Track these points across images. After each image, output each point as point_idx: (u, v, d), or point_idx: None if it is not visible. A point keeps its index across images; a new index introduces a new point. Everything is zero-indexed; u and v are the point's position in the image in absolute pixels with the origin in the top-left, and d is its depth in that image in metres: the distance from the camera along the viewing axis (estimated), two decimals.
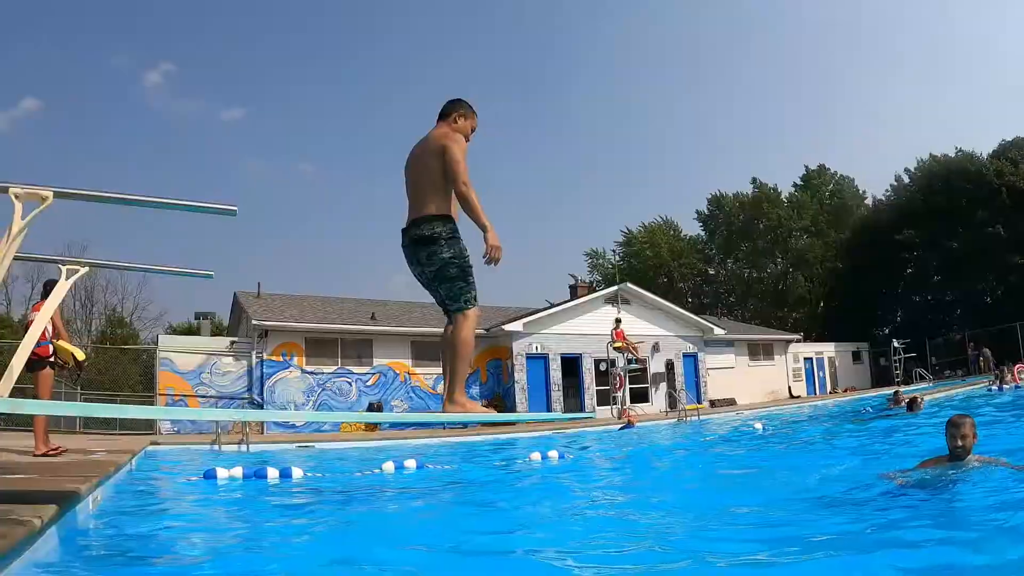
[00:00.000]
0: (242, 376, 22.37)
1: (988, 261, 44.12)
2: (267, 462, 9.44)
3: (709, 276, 64.25)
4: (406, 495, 7.26)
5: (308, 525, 5.23)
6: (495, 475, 9.70)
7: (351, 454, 13.33)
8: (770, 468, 8.31)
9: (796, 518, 4.76)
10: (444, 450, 14.24)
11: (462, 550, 4.11)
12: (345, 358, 24.07)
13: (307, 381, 23.10)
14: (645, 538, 4.38)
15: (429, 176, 4.66)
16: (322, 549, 4.23)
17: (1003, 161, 46.41)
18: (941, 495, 4.76)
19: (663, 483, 8.21)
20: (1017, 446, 7.48)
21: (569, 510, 5.98)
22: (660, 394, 29.57)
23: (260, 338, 22.59)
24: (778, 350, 37.54)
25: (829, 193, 60.48)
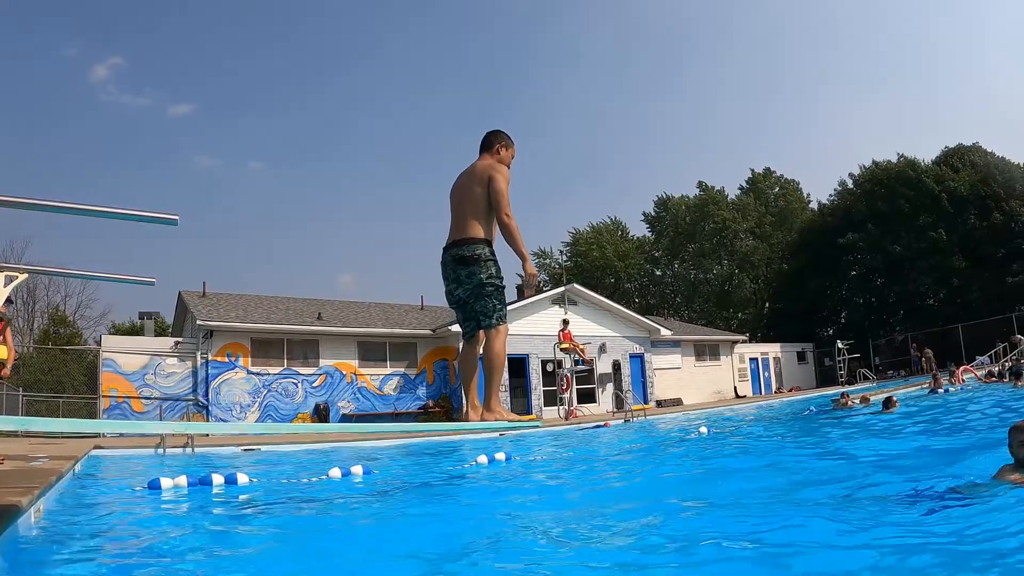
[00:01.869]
0: (187, 377, 22.25)
1: (930, 264, 45.86)
2: (213, 466, 9.49)
3: (656, 277, 65.64)
4: (353, 503, 7.18)
5: (254, 537, 5.23)
6: (442, 479, 9.66)
7: (298, 457, 13.21)
8: (715, 469, 8.56)
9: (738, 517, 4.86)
10: (392, 452, 14.30)
11: (410, 559, 4.14)
12: (291, 359, 24.09)
13: (253, 382, 23.07)
14: (593, 539, 4.48)
15: (474, 203, 5.17)
16: (267, 563, 4.25)
17: (945, 168, 48.35)
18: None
19: (609, 483, 8.37)
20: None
21: (516, 513, 6.06)
22: (607, 395, 30.06)
23: (205, 338, 22.51)
24: (724, 350, 38.55)
25: (774, 196, 62.18)
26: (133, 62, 72.19)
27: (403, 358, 26.47)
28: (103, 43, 71.39)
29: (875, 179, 51.06)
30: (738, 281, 58.47)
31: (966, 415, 12.43)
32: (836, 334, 48.93)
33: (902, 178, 48.68)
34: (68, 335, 45.30)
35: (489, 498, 7.35)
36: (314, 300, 29.20)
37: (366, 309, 29.39)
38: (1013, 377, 18.63)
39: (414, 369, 26.63)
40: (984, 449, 7.15)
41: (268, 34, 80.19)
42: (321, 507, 6.78)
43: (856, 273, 51.80)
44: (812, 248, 52.43)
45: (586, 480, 8.86)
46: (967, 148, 50.40)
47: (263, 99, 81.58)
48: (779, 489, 6.34)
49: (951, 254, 45.40)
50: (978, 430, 9.81)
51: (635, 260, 64.31)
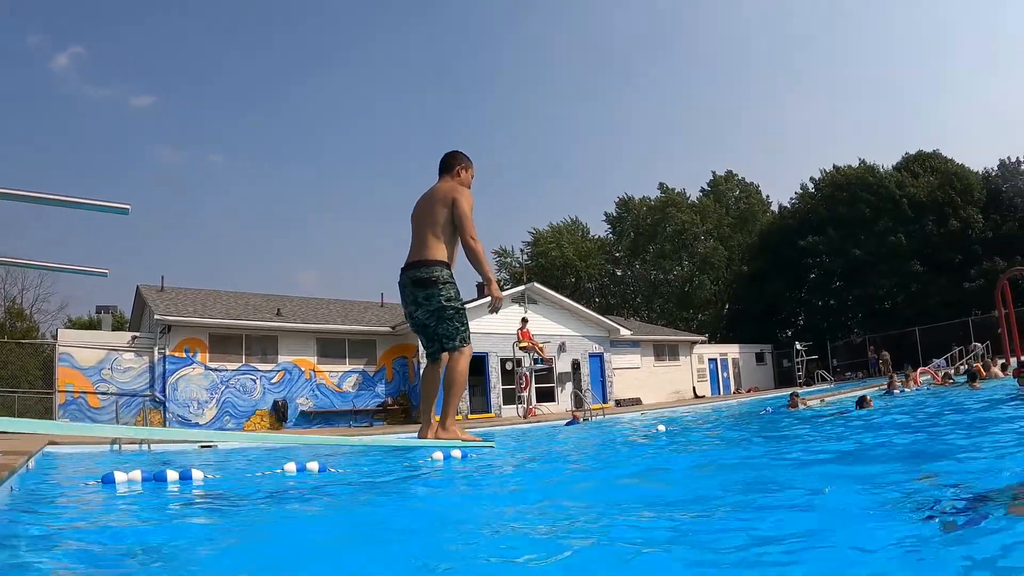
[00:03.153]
0: (144, 372, 22.17)
1: (889, 268, 47.07)
2: (169, 462, 9.09)
3: (616, 277, 66.46)
4: (307, 498, 7.10)
5: (206, 532, 4.96)
6: (397, 476, 9.96)
7: (254, 454, 13.53)
8: (669, 468, 8.97)
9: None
10: (348, 449, 14.89)
11: (361, 556, 4.28)
12: (249, 355, 24.13)
13: (210, 378, 23.03)
14: (552, 537, 4.63)
15: (436, 225, 5.36)
16: (218, 558, 4.53)
17: (904, 173, 49.64)
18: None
19: (561, 481, 8.53)
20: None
21: (474, 512, 6.15)
22: (566, 394, 30.51)
23: (163, 333, 22.46)
24: (683, 351, 39.24)
25: (735, 199, 63.31)
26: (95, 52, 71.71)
27: (362, 355, 26.64)
28: (65, 33, 70.79)
29: (836, 183, 52.18)
30: (698, 282, 59.35)
31: (921, 416, 12.79)
32: (795, 336, 50.15)
33: (863, 183, 49.89)
34: (25, 329, 45.05)
35: (441, 496, 7.32)
36: (274, 296, 29.26)
37: (326, 306, 29.48)
38: (969, 379, 19.31)
39: (373, 366, 26.78)
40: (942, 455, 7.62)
41: (233, 27, 79.86)
42: (274, 503, 6.19)
43: (815, 276, 52.87)
44: (772, 251, 53.51)
45: (539, 478, 8.81)
46: (927, 155, 51.69)
47: (226, 92, 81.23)
48: (731, 487, 6.58)
49: (910, 259, 46.64)
50: (934, 432, 10.21)
51: (596, 260, 65.02)
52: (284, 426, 23.52)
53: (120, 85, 73.94)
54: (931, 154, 51.80)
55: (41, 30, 68.28)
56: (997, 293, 26.97)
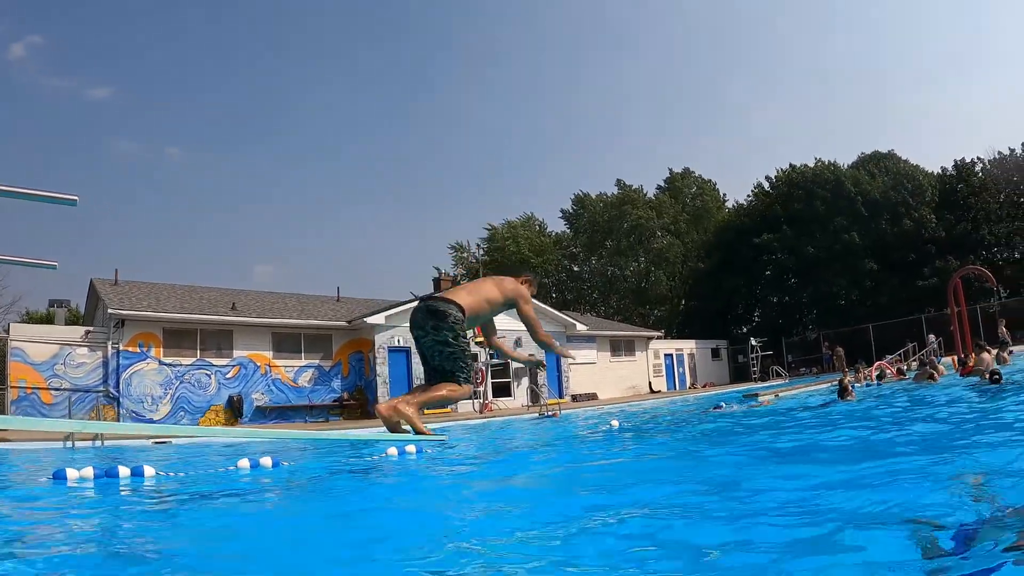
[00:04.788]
0: (97, 367, 22.05)
1: (844, 265, 48.43)
2: (123, 459, 9.54)
3: (573, 273, 67.35)
4: (259, 494, 7.24)
5: (156, 528, 5.29)
6: (349, 471, 9.56)
7: (209, 449, 13.23)
8: (622, 462, 8.71)
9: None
10: (305, 443, 14.06)
11: (307, 552, 4.26)
12: (204, 349, 24.09)
13: (165, 373, 22.95)
14: (503, 534, 4.52)
15: (480, 293, 6.13)
16: (168, 552, 4.33)
17: (861, 172, 51.05)
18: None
19: (512, 477, 8.34)
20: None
21: (426, 507, 6.16)
22: (522, 388, 31.12)
23: (116, 328, 22.38)
24: (639, 346, 40.17)
25: (692, 196, 64.40)
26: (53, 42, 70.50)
27: (318, 350, 26.81)
28: (22, 21, 69.58)
29: (792, 181, 53.50)
30: (654, 278, 60.30)
31: (874, 411, 13.11)
32: (750, 332, 51.24)
33: (819, 181, 51.19)
34: None
35: (392, 492, 7.43)
36: (229, 290, 29.29)
37: (281, 300, 29.59)
38: (922, 366, 20.09)
39: (329, 361, 26.98)
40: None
41: (194, 17, 78.97)
42: (226, 498, 6.90)
43: (770, 273, 54.08)
44: (728, 247, 54.74)
45: (489, 474, 8.92)
46: (883, 155, 53.24)
47: (185, 84, 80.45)
48: (683, 482, 6.55)
49: (864, 257, 48.07)
50: (891, 427, 10.54)
51: (552, 256, 65.66)
52: (240, 422, 23.61)
53: (78, 76, 72.86)
54: (886, 154, 53.35)
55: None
56: (950, 291, 27.97)
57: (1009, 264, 48.49)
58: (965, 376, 17.34)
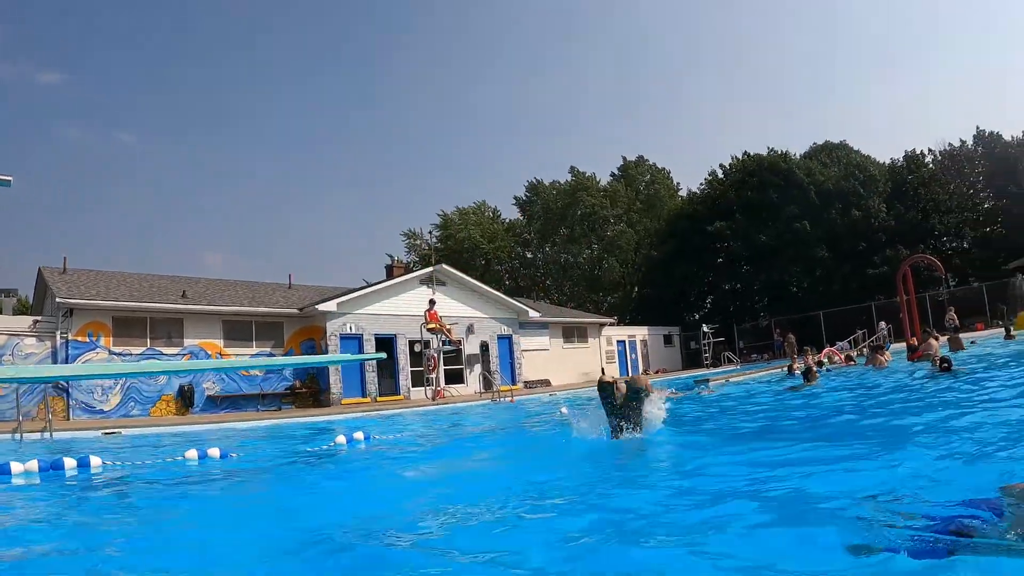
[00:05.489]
0: (46, 358, 21.86)
1: (795, 253, 49.58)
2: (72, 451, 9.75)
3: (527, 260, 68.18)
4: (205, 485, 7.46)
5: (102, 518, 5.46)
6: (297, 460, 10.14)
7: (159, 440, 13.40)
8: (566, 449, 8.85)
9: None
10: (258, 433, 14.92)
11: (249, 543, 4.32)
12: (154, 338, 24.02)
13: (115, 363, 22.59)
14: (444, 516, 4.80)
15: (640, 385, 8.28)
16: (113, 543, 4.46)
17: (813, 162, 52.14)
18: None
19: (463, 463, 8.83)
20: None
21: (368, 493, 6.61)
22: (475, 375, 31.66)
23: (65, 317, 22.27)
24: (592, 333, 40.89)
25: (646, 184, 65.57)
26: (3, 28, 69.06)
27: (269, 337, 26.91)
28: None
29: (746, 170, 54.48)
30: (607, 265, 61.25)
31: (824, 396, 13.58)
32: (702, 318, 52.34)
33: (772, 170, 52.26)
34: None
35: (336, 480, 7.92)
36: (179, 278, 29.19)
37: (232, 287, 29.58)
38: (872, 352, 20.75)
39: (280, 349, 27.07)
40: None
41: (148, 4, 77.75)
42: (173, 489, 7.16)
43: (723, 260, 55.22)
44: (681, 235, 55.71)
45: (434, 460, 9.60)
46: (835, 145, 54.50)
47: (138, 70, 79.49)
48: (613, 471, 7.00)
49: (815, 245, 49.21)
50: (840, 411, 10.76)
51: (504, 242, 66.48)
52: (191, 412, 23.60)
53: (28, 61, 71.39)
54: (838, 145, 54.58)
55: None
56: (899, 279, 28.91)
57: (958, 254, 50.01)
58: (913, 361, 18.16)
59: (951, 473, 4.83)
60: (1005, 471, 4.48)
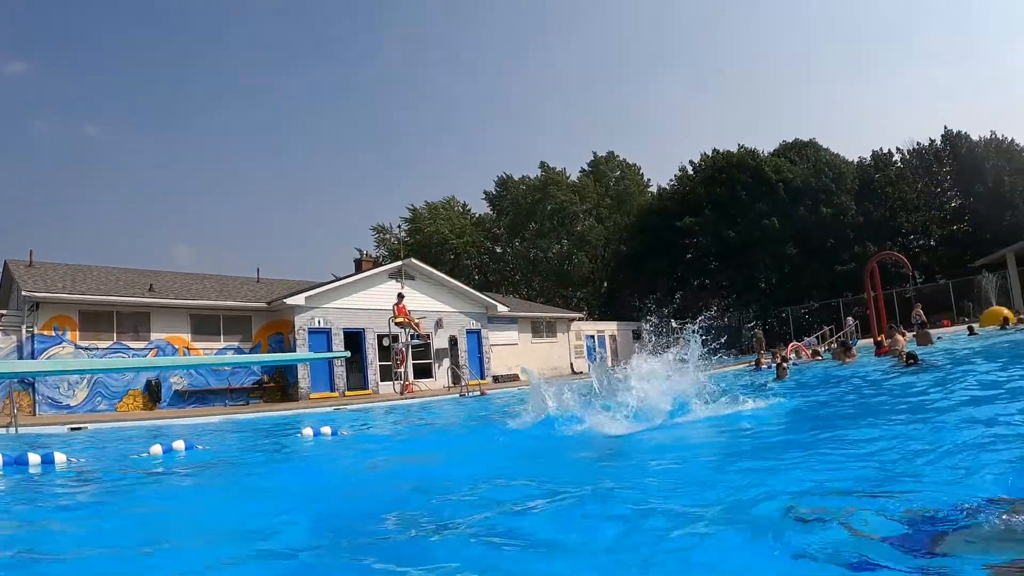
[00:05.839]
0: (11, 352, 21.70)
1: (764, 250, 50.31)
2: (39, 445, 9.84)
3: (496, 254, 68.56)
4: (168, 480, 7.50)
5: (65, 513, 5.49)
6: (264, 454, 10.28)
7: (126, 434, 13.41)
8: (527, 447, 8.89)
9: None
10: (225, 427, 15.04)
11: (211, 535, 4.38)
12: (121, 332, 23.92)
13: (81, 357, 22.50)
14: (403, 505, 4.84)
15: None
16: (74, 536, 4.51)
17: (782, 159, 52.88)
18: None
19: (428, 456, 8.97)
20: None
21: (330, 485, 6.70)
22: (444, 369, 31.84)
23: (31, 311, 22.14)
24: (561, 328, 41.28)
25: (616, 179, 66.12)
26: None
27: (237, 332, 26.91)
28: None
29: (715, 166, 55.16)
30: (577, 260, 61.87)
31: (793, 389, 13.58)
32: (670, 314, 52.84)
33: (741, 167, 53.01)
34: None
35: (299, 473, 8.07)
36: (146, 271, 29.13)
37: (200, 281, 29.55)
38: (842, 348, 21.24)
39: (248, 343, 27.09)
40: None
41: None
42: (135, 483, 7.22)
43: (692, 256, 55.91)
44: (650, 231, 56.39)
45: (398, 452, 9.77)
46: (804, 143, 55.25)
47: (105, 61, 78.62)
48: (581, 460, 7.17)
49: (784, 242, 49.93)
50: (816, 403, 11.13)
51: (473, 237, 66.81)
52: (158, 406, 23.59)
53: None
54: (808, 143, 55.34)
55: None
56: (866, 276, 29.44)
57: (925, 251, 51.01)
58: (880, 356, 18.64)
59: (917, 469, 4.88)
60: (965, 466, 4.66)
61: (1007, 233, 45.27)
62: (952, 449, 5.29)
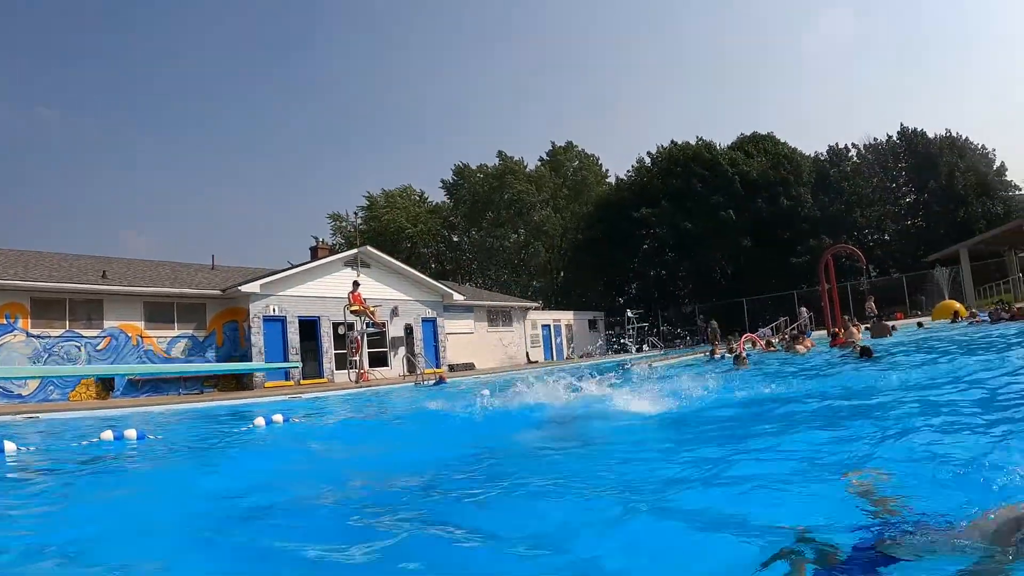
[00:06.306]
0: None
1: (720, 242, 51.19)
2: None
3: (453, 243, 69.21)
4: (118, 466, 7.57)
5: (13, 502, 5.51)
6: (215, 442, 10.37)
7: (78, 424, 13.33)
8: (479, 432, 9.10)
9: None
10: (178, 416, 15.17)
11: (161, 523, 4.39)
12: (74, 320, 23.75)
13: (32, 345, 22.49)
14: (350, 489, 5.03)
15: None
16: (19, 525, 4.53)
17: (739, 152, 53.74)
18: None
19: (376, 445, 9.04)
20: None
21: (280, 471, 6.76)
22: (399, 358, 32.07)
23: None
24: (517, 317, 41.85)
25: (574, 169, 66.88)
26: None
27: (191, 319, 26.83)
28: None
29: (672, 158, 55.94)
30: (533, 250, 62.60)
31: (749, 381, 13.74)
32: (627, 303, 53.69)
33: (698, 159, 53.86)
34: None
35: (250, 461, 8.13)
36: (100, 258, 28.94)
37: (154, 268, 29.42)
38: (791, 341, 21.84)
39: (203, 331, 27.05)
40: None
41: None
42: (86, 471, 7.28)
43: (648, 247, 56.68)
44: (607, 221, 57.06)
45: (350, 440, 9.94)
46: (761, 136, 56.17)
47: (60, 43, 77.35)
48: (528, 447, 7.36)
49: (740, 234, 50.84)
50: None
51: (430, 225, 67.34)
52: (111, 395, 23.40)
53: None
54: (765, 136, 56.26)
55: None
56: (821, 268, 30.32)
57: (879, 245, 52.25)
58: (833, 347, 19.30)
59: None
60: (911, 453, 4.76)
61: (960, 228, 46.64)
62: (905, 440, 5.32)
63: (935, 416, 6.51)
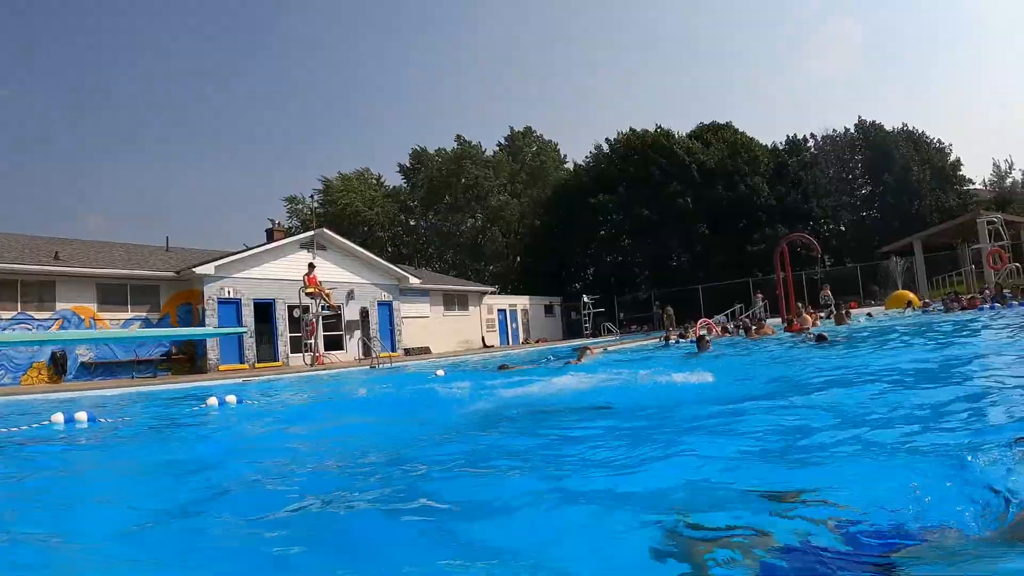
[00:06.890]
0: None
1: (676, 229, 52.03)
2: None
3: (410, 227, 69.51)
4: (68, 448, 7.64)
5: None
6: (166, 423, 10.41)
7: (29, 407, 13.26)
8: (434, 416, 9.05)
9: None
10: (131, 398, 15.16)
11: (113, 504, 4.42)
12: (25, 302, 23.58)
13: None
14: (297, 476, 5.01)
15: None
16: None
17: (696, 142, 54.56)
18: None
19: (328, 425, 9.13)
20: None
21: (232, 451, 6.89)
22: (355, 341, 32.52)
23: None
24: (473, 301, 42.36)
25: (532, 154, 67.56)
26: None
27: (145, 301, 26.78)
28: None
29: (631, 145, 56.58)
30: (490, 235, 63.18)
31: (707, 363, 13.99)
32: (583, 289, 54.43)
33: (656, 146, 54.53)
34: None
35: (202, 440, 8.32)
36: (52, 239, 28.86)
37: (107, 249, 29.31)
38: (745, 329, 22.51)
39: (157, 313, 26.98)
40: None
41: None
42: (34, 453, 7.36)
43: (605, 233, 57.43)
44: (565, 207, 57.74)
45: (303, 421, 10.07)
46: (720, 125, 57.00)
47: (11, 20, 75.99)
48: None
49: (697, 221, 51.73)
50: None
51: (387, 209, 67.54)
52: (64, 379, 23.47)
53: None
54: (724, 125, 57.12)
55: None
56: (776, 256, 31.13)
57: (835, 235, 53.46)
58: (790, 333, 20.03)
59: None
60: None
61: (914, 221, 47.93)
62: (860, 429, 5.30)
63: (884, 395, 6.97)
